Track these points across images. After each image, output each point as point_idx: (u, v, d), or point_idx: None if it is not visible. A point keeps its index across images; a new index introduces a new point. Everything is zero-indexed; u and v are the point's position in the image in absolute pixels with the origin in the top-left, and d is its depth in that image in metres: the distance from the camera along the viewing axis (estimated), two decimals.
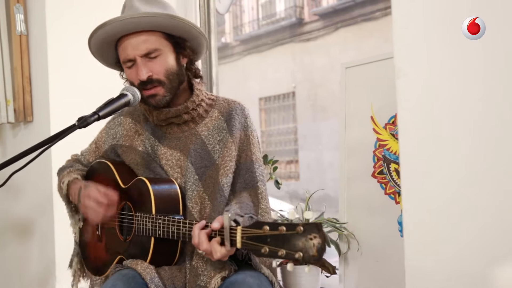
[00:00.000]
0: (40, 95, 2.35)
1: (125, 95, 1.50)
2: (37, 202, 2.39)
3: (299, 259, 1.06)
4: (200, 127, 1.58)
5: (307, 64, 9.17)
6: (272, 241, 1.11)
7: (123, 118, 1.68)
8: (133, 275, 1.38)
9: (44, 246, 2.34)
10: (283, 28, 9.80)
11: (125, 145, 1.64)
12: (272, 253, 1.11)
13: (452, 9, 1.08)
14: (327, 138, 8.23)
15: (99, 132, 1.74)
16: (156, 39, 1.49)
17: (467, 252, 1.03)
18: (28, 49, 2.38)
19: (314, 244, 1.05)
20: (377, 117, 1.82)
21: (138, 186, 1.52)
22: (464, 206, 1.07)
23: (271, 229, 1.12)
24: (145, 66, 1.48)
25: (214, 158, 1.54)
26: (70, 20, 2.33)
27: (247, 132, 1.59)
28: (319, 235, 1.05)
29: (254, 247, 1.15)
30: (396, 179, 1.75)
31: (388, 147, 1.78)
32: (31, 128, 2.42)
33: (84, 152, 1.77)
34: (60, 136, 1.37)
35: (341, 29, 8.59)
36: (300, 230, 1.07)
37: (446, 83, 1.09)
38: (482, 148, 1.05)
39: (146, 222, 1.45)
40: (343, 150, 1.89)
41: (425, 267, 1.07)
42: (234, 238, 1.21)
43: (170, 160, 1.56)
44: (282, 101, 9.67)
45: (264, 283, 1.38)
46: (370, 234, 1.78)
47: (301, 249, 1.06)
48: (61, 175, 1.72)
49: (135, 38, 1.48)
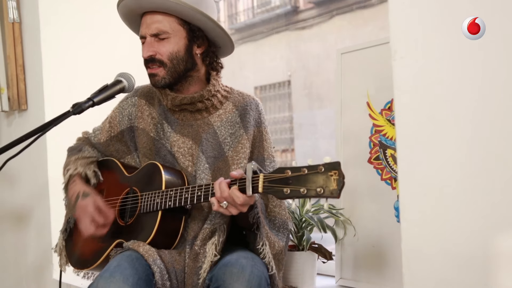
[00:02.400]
0: (34, 83, 2.34)
1: (120, 81, 1.51)
2: (33, 190, 2.38)
3: (320, 193, 1.15)
4: (214, 117, 1.58)
5: (303, 53, 9.13)
6: (294, 182, 1.19)
7: (137, 98, 1.66)
8: (137, 256, 1.38)
9: (41, 233, 2.34)
10: (278, 16, 9.73)
11: (139, 127, 1.63)
12: (293, 193, 1.18)
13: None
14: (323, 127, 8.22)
15: (112, 111, 1.71)
16: (169, 22, 1.52)
17: (464, 235, 1.04)
18: (21, 36, 2.36)
19: (334, 179, 1.14)
20: (373, 103, 1.81)
21: (148, 169, 1.54)
22: (461, 189, 1.07)
23: (293, 171, 1.19)
24: (151, 45, 1.52)
25: (224, 150, 1.55)
26: (63, 7, 2.31)
27: (261, 128, 1.60)
28: (339, 171, 1.14)
29: (276, 189, 1.21)
30: (392, 164, 1.76)
31: (384, 132, 1.78)
32: (25, 116, 2.41)
33: (96, 130, 1.74)
34: (54, 122, 1.37)
35: (336, 17, 8.54)
36: (320, 170, 1.16)
37: (443, 66, 1.08)
38: (480, 131, 1.05)
39: (155, 198, 1.46)
40: (339, 136, 1.89)
41: (422, 251, 1.08)
42: (256, 184, 1.25)
43: (182, 148, 1.56)
44: (277, 89, 9.64)
45: (258, 264, 1.38)
46: (366, 220, 1.79)
47: (322, 185, 1.15)
48: (69, 159, 1.70)
49: (151, 17, 1.52)
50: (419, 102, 1.09)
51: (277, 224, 1.51)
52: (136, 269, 1.34)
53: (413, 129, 1.10)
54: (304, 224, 1.80)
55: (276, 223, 1.51)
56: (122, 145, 1.68)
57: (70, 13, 2.32)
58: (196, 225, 1.49)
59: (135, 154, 1.66)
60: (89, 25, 2.34)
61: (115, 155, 1.70)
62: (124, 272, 1.32)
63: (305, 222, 1.79)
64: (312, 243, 1.80)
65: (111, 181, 1.66)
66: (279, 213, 1.53)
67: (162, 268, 1.38)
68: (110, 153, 1.71)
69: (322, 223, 1.76)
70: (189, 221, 1.50)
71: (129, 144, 1.67)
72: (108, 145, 1.69)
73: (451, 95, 1.07)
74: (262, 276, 1.35)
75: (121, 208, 1.59)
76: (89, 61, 2.35)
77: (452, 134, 1.07)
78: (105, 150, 1.71)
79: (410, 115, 1.10)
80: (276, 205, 1.53)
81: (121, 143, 1.68)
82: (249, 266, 1.34)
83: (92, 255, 1.59)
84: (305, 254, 1.78)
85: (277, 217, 1.51)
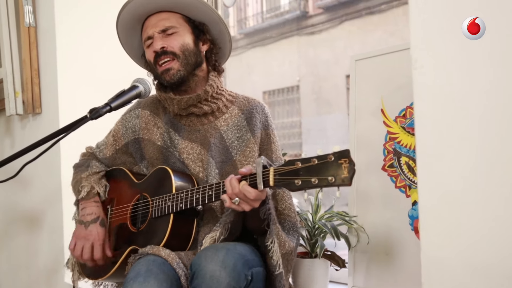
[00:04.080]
0: (49, 87, 2.36)
1: (136, 86, 1.52)
2: (46, 194, 2.39)
3: (331, 182, 1.14)
4: (220, 121, 1.59)
5: (312, 58, 9.14)
6: (305, 173, 1.18)
7: (141, 110, 1.67)
8: (163, 261, 1.37)
9: (53, 237, 2.35)
10: (287, 21, 9.76)
11: (145, 138, 1.63)
12: (305, 184, 1.17)
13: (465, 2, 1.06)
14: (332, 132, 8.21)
15: (115, 125, 1.73)
16: (175, 19, 1.55)
17: (485, 243, 1.03)
18: (37, 41, 2.38)
19: (345, 167, 1.13)
20: (388, 110, 1.81)
21: (157, 174, 1.54)
22: (481, 197, 1.06)
23: (303, 163, 1.18)
24: (160, 39, 1.53)
25: (231, 154, 1.55)
26: (78, 11, 2.33)
27: (268, 131, 1.60)
28: (349, 159, 1.14)
29: (287, 181, 1.20)
30: (407, 172, 1.75)
31: (399, 140, 1.78)
32: (39, 120, 2.43)
33: (100, 145, 1.75)
34: (72, 127, 1.38)
35: (346, 22, 8.54)
36: (330, 159, 1.15)
37: (463, 74, 1.08)
38: (501, 138, 1.04)
39: (166, 201, 1.46)
40: (353, 143, 1.88)
41: (442, 259, 1.07)
42: (267, 178, 1.24)
43: (192, 154, 1.55)
44: (286, 94, 9.66)
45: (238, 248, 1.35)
46: (380, 228, 1.78)
47: (333, 173, 1.14)
48: (79, 176, 1.69)
49: (156, 17, 1.55)
50: (440, 111, 1.08)
51: (286, 226, 1.50)
52: (167, 274, 1.33)
53: (433, 138, 1.09)
54: (317, 231, 1.80)
55: (285, 226, 1.50)
56: (128, 157, 1.69)
57: (85, 18, 2.34)
58: (208, 227, 1.49)
59: (142, 164, 1.66)
60: (104, 30, 2.35)
61: (122, 167, 1.71)
62: (158, 277, 1.31)
63: (318, 229, 1.79)
64: (325, 250, 1.79)
65: (121, 189, 1.66)
66: (288, 215, 1.52)
67: (186, 272, 1.38)
68: (117, 166, 1.72)
69: (335, 230, 1.75)
70: (201, 224, 1.50)
71: (135, 155, 1.67)
72: (115, 159, 1.70)
73: (471, 103, 1.06)
74: (239, 257, 1.31)
75: (132, 215, 1.59)
76: (104, 65, 2.36)
77: (473, 143, 1.06)
78: (112, 164, 1.72)
79: (430, 124, 1.09)
80: (285, 208, 1.52)
81: (126, 155, 1.69)
82: (224, 248, 1.32)
83: (106, 264, 1.59)
84: (318, 261, 1.77)
85: (286, 219, 1.51)
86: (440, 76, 1.07)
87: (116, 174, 1.71)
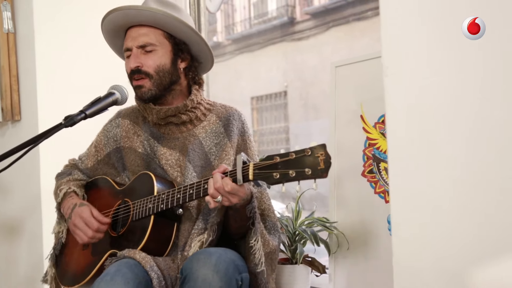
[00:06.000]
0: (28, 94, 2.33)
1: (112, 93, 1.50)
2: (25, 202, 2.36)
3: (308, 173, 1.18)
4: (198, 129, 1.60)
5: (299, 64, 9.17)
6: (283, 166, 1.22)
7: (121, 119, 1.69)
8: (134, 263, 1.38)
9: (33, 246, 2.32)
10: (275, 27, 9.80)
11: (126, 147, 1.65)
12: (283, 177, 1.21)
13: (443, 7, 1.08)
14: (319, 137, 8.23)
15: (96, 136, 1.73)
16: (156, 35, 1.54)
17: (455, 252, 1.03)
18: (16, 47, 2.35)
19: (321, 160, 1.17)
20: (367, 116, 1.82)
21: (140, 178, 1.55)
22: (453, 206, 1.07)
23: (281, 157, 1.23)
24: (137, 57, 1.54)
25: (210, 160, 1.57)
26: (58, 17, 2.31)
27: (244, 137, 1.63)
28: (325, 152, 1.18)
29: (265, 175, 1.24)
30: (386, 178, 1.75)
31: (378, 146, 1.78)
32: (19, 127, 2.40)
33: (82, 156, 1.76)
34: (46, 135, 1.36)
35: (333, 29, 8.60)
36: (308, 152, 1.19)
37: (435, 82, 1.09)
38: (471, 145, 1.05)
39: (147, 203, 1.47)
40: (333, 149, 1.89)
41: (413, 266, 1.07)
42: (247, 172, 1.28)
43: (170, 160, 1.57)
44: (274, 100, 9.67)
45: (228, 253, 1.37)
46: (360, 233, 1.78)
47: (310, 166, 1.18)
48: (60, 181, 1.71)
49: (137, 30, 1.54)
50: (411, 118, 1.09)
51: (268, 226, 1.52)
52: (136, 274, 1.34)
53: (404, 145, 1.10)
54: (298, 237, 1.79)
55: (267, 225, 1.52)
56: (110, 168, 1.69)
57: (65, 24, 2.32)
58: (186, 231, 1.50)
59: (124, 174, 1.67)
60: (84, 36, 2.34)
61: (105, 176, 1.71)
62: (126, 276, 1.32)
63: (299, 235, 1.79)
64: (306, 256, 1.79)
65: (103, 196, 1.66)
66: (268, 215, 1.54)
67: (159, 275, 1.38)
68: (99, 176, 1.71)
69: (315, 236, 1.75)
70: (181, 227, 1.51)
71: (117, 165, 1.68)
72: (96, 169, 1.71)
73: (443, 111, 1.07)
74: (230, 262, 1.34)
75: (113, 221, 1.58)
76: (83, 72, 2.34)
77: (443, 149, 1.06)
78: (93, 174, 1.72)
79: (402, 131, 1.10)
80: (265, 208, 1.54)
81: (108, 166, 1.69)
82: (217, 253, 1.34)
83: (84, 269, 1.58)
84: (298, 267, 1.77)
85: (267, 219, 1.53)
86: (410, 82, 1.07)
87: (98, 182, 1.71)
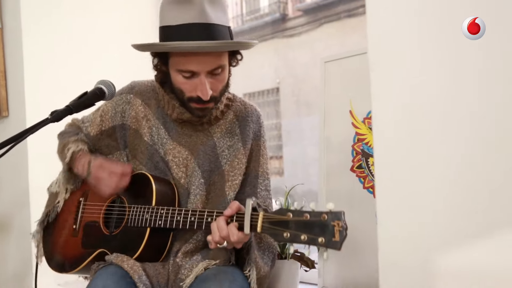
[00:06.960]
0: (16, 89, 2.31)
1: (99, 88, 1.48)
2: (14, 198, 2.35)
3: (321, 243, 1.12)
4: (214, 128, 1.55)
5: (291, 60, 9.15)
6: (295, 226, 1.16)
7: (132, 96, 1.59)
8: (122, 274, 1.34)
9: (21, 242, 2.31)
10: (267, 23, 9.76)
11: (132, 127, 1.58)
12: (293, 238, 1.15)
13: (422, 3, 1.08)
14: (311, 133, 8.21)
15: (103, 105, 1.63)
16: (224, 56, 1.46)
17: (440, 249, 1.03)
18: (3, 42, 2.33)
19: (337, 231, 1.11)
20: (356, 112, 1.82)
21: (138, 178, 1.49)
22: (438, 202, 1.07)
23: (295, 215, 1.16)
24: (208, 83, 1.43)
25: (221, 163, 1.52)
26: (46, 12, 2.29)
27: (259, 142, 1.58)
28: (342, 222, 1.12)
29: (275, 231, 1.18)
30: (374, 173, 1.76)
31: (367, 141, 1.79)
32: (6, 123, 2.38)
33: (86, 120, 1.67)
34: (32, 130, 1.34)
35: (325, 25, 8.58)
36: (324, 218, 1.13)
37: (421, 77, 1.09)
38: (458, 143, 1.05)
39: (144, 213, 1.42)
40: (322, 144, 1.89)
41: (398, 264, 1.07)
42: (255, 223, 1.22)
43: (177, 157, 1.51)
44: (266, 97, 9.64)
45: (237, 279, 1.35)
46: (348, 228, 1.78)
47: (324, 235, 1.12)
48: (65, 140, 1.61)
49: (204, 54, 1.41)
50: (397, 113, 1.09)
51: (262, 247, 1.48)
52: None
53: (390, 140, 1.10)
54: None
55: (261, 246, 1.47)
56: (112, 141, 1.62)
57: (52, 19, 2.30)
58: (182, 238, 1.47)
59: (124, 152, 1.60)
60: (72, 32, 2.32)
61: (104, 150, 1.64)
62: None
63: None
64: (295, 252, 1.79)
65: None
66: (265, 235, 1.48)
67: (148, 285, 1.36)
68: (99, 147, 1.64)
69: None
70: (176, 234, 1.47)
71: (119, 141, 1.61)
72: (99, 139, 1.63)
73: (430, 106, 1.07)
74: None
75: (106, 216, 1.56)
76: (71, 67, 2.33)
77: (428, 144, 1.07)
78: (94, 143, 1.64)
79: (388, 126, 1.10)
80: None
81: (111, 138, 1.62)
82: (227, 282, 1.32)
83: (72, 260, 1.56)
84: (287, 262, 1.77)
85: (263, 239, 1.48)
86: (395, 77, 1.08)
87: None
